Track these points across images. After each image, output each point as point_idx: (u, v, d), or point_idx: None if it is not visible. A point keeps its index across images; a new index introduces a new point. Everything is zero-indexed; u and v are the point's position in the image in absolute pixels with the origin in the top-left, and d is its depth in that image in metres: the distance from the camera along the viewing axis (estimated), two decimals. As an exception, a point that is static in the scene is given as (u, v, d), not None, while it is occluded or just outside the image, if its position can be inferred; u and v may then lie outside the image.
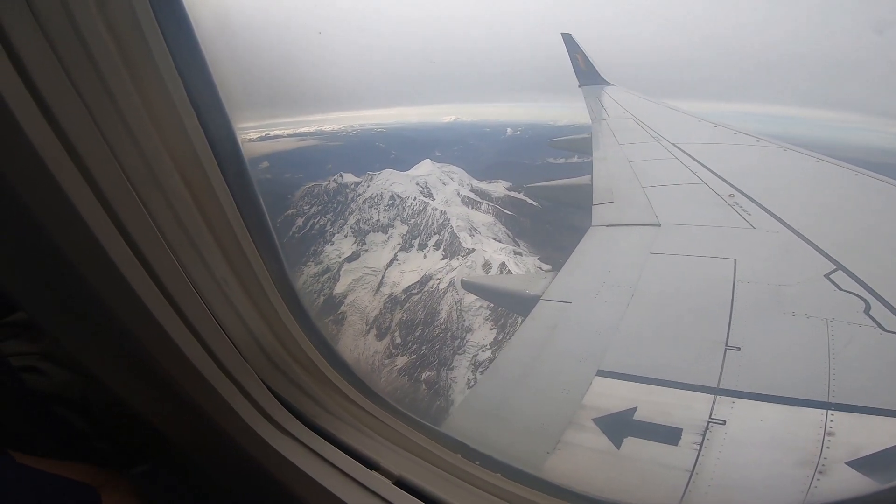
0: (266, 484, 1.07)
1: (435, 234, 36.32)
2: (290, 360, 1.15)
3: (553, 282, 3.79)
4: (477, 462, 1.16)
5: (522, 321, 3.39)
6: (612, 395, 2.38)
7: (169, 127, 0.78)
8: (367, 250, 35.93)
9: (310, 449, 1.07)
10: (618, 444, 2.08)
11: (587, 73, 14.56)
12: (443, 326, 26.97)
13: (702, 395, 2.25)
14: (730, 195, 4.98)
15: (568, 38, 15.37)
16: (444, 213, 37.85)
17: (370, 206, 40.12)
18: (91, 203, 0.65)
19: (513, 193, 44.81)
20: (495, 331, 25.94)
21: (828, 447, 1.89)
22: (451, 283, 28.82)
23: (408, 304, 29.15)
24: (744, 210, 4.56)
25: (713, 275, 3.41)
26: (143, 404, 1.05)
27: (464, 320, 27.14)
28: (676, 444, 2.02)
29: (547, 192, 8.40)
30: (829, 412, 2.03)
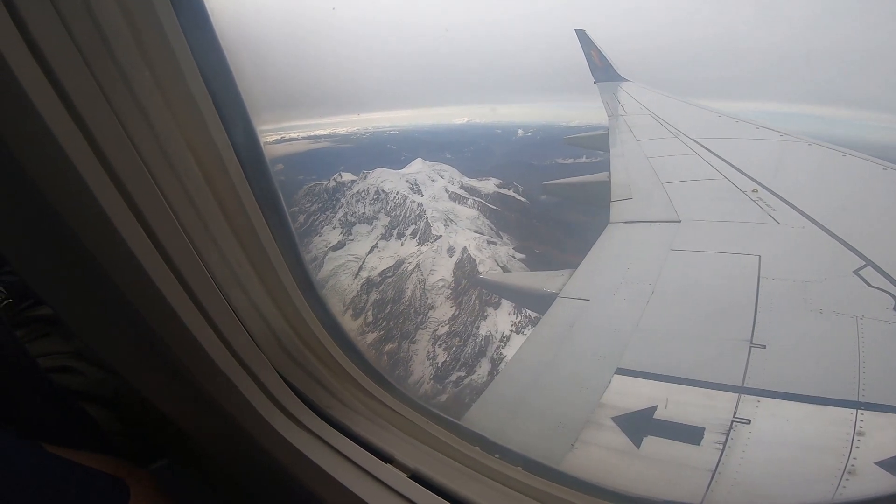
0: (279, 477, 1.06)
1: (412, 224, 39.44)
2: (306, 351, 1.14)
3: (570, 279, 3.75)
4: (497, 455, 1.13)
5: (539, 319, 3.36)
6: (631, 394, 2.35)
7: (187, 118, 0.78)
8: (352, 240, 38.82)
9: (324, 441, 1.06)
10: (637, 443, 2.05)
11: (603, 70, 14.36)
12: (407, 304, 29.99)
13: (725, 394, 2.20)
14: (753, 190, 4.85)
15: (582, 35, 15.20)
16: (421, 205, 40.80)
17: (357, 201, 43.25)
18: (112, 195, 0.66)
19: (502, 190, 47.27)
20: (454, 308, 29.02)
21: (857, 447, 1.83)
22: (418, 266, 32.21)
23: (382, 286, 32.05)
24: (768, 205, 4.44)
25: (737, 272, 3.34)
26: (159, 396, 1.06)
27: (426, 298, 30.17)
28: (698, 444, 1.98)
29: (564, 190, 8.31)
30: (859, 411, 1.97)
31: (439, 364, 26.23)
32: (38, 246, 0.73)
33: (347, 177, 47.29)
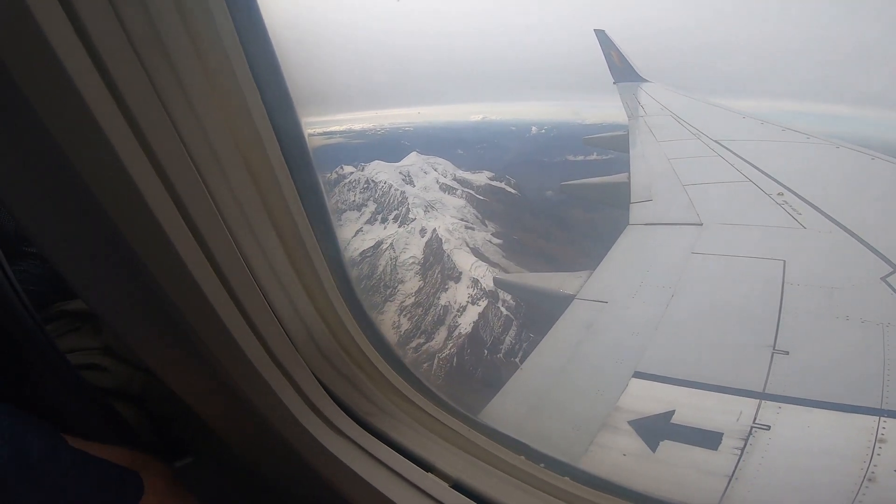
0: (313, 482, 1.03)
1: (395, 209, 42.79)
2: (344, 355, 1.11)
3: (588, 281, 3.74)
4: (542, 465, 1.08)
5: (557, 321, 3.36)
6: (649, 398, 2.34)
7: (234, 111, 0.77)
8: (340, 224, 40.35)
9: (361, 448, 1.03)
10: (653, 448, 2.04)
11: (622, 70, 14.17)
12: (378, 278, 33.06)
13: (745, 400, 2.18)
14: (779, 193, 4.75)
15: (602, 35, 15.02)
16: (403, 192, 44.32)
17: (348, 190, 46.63)
18: (156, 188, 0.65)
19: (493, 182, 50.22)
20: (421, 282, 32.14)
21: (878, 454, 1.80)
22: (392, 244, 36.37)
23: (361, 264, 35.44)
24: (793, 209, 4.34)
25: (760, 276, 3.28)
26: (192, 394, 1.05)
27: (397, 273, 33.36)
28: (716, 449, 1.96)
29: (583, 190, 8.24)
30: (882, 419, 1.93)
31: (402, 332, 28.33)
32: (78, 240, 0.73)
33: (348, 169, 50.19)
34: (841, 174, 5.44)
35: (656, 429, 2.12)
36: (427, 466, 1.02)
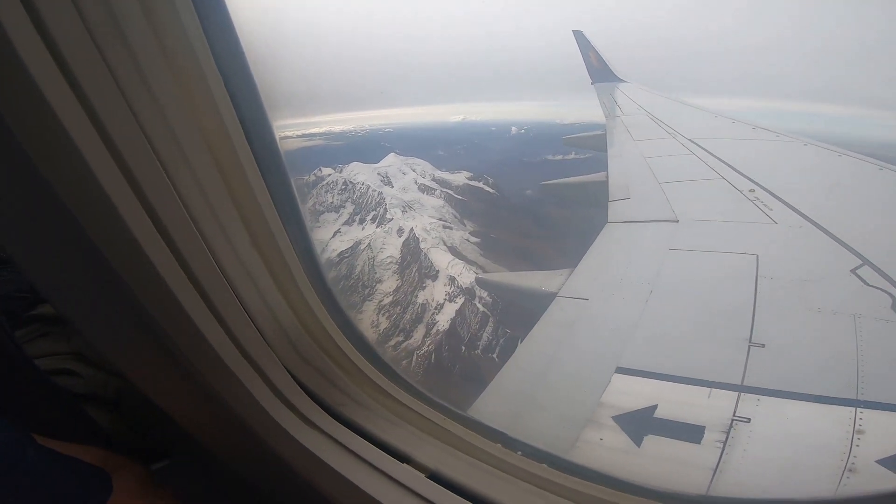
0: (289, 478, 1.03)
1: (372, 210, 43.70)
2: (317, 348, 1.11)
3: (569, 279, 3.76)
4: (519, 452, 1.09)
5: (539, 319, 3.36)
6: (631, 393, 2.35)
7: (202, 110, 0.76)
8: (318, 226, 42.36)
9: (336, 441, 1.02)
10: (638, 442, 2.05)
11: (600, 71, 14.43)
12: (357, 278, 34.20)
13: (725, 393, 2.21)
14: (750, 190, 4.88)
15: (580, 36, 15.25)
16: (381, 193, 45.21)
17: (326, 191, 47.31)
18: (121, 187, 0.64)
19: (472, 182, 51.45)
20: (399, 281, 32.88)
21: (857, 445, 1.84)
22: (369, 244, 36.89)
23: (340, 265, 36.25)
24: (765, 205, 4.47)
25: (735, 271, 3.35)
26: (165, 396, 1.03)
27: (375, 272, 34.15)
28: (699, 443, 1.98)
29: (562, 190, 8.34)
30: (859, 409, 1.98)
31: (381, 331, 29.00)
32: (44, 242, 0.71)
33: (326, 171, 50.81)
34: (809, 170, 5.64)
35: (640, 424, 2.14)
36: (404, 457, 1.03)
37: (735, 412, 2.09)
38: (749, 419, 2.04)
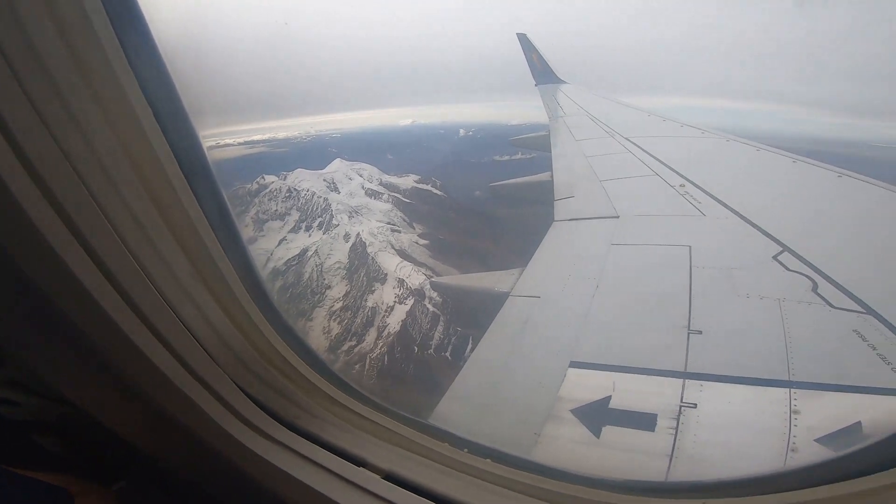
0: (249, 488, 1.06)
1: (318, 217, 43.90)
2: (265, 363, 1.14)
3: (521, 278, 3.83)
4: (465, 450, 1.17)
5: (494, 318, 3.40)
6: (586, 386, 2.43)
7: (125, 129, 0.77)
8: (263, 235, 42.09)
9: (292, 450, 1.07)
10: (597, 434, 2.11)
11: (543, 73, 14.91)
12: (305, 285, 34.16)
13: (671, 380, 2.33)
14: (681, 185, 5.22)
15: (523, 39, 15.66)
16: (326, 199, 45.45)
17: (270, 199, 46.63)
18: (46, 214, 0.64)
19: (420, 185, 51.97)
20: (348, 286, 33.32)
21: (795, 425, 1.97)
22: (316, 251, 36.86)
23: (287, 273, 35.96)
24: (694, 199, 4.79)
25: (671, 262, 3.56)
26: (113, 418, 1.03)
27: (323, 279, 34.24)
28: (653, 430, 2.07)
29: (510, 190, 8.53)
30: (792, 391, 2.14)
31: (333, 337, 29.05)
32: None
33: (270, 179, 49.78)
34: (732, 165, 6.12)
35: (597, 415, 2.20)
36: (359, 461, 1.09)
37: (682, 399, 2.20)
38: (695, 405, 2.16)
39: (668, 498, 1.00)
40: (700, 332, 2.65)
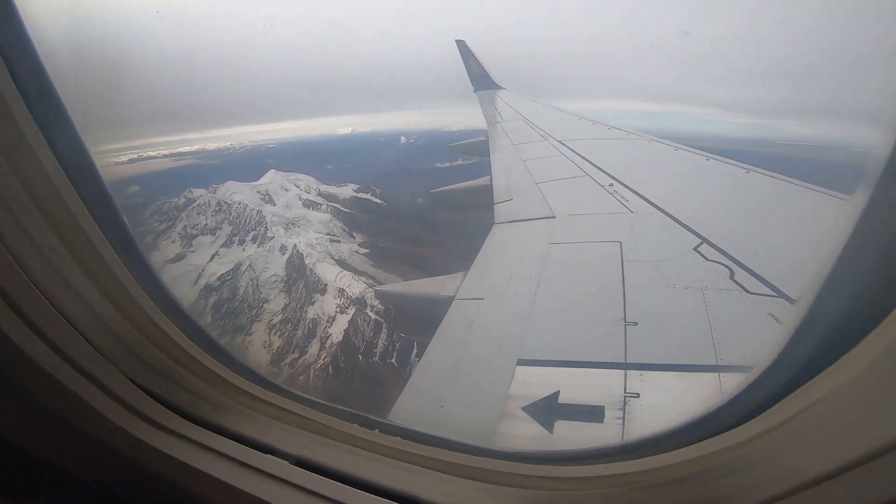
0: (158, 487, 1.04)
1: (252, 230, 42.92)
2: (160, 354, 1.11)
3: (464, 281, 3.85)
4: (376, 430, 1.18)
5: (441, 323, 3.37)
6: (535, 383, 2.46)
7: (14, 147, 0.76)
8: (192, 251, 40.82)
9: (196, 443, 1.05)
10: (550, 429, 2.14)
11: (481, 79, 15.23)
12: (241, 300, 33.58)
13: (614, 372, 2.42)
14: (610, 184, 5.51)
15: (462, 46, 15.90)
16: (260, 212, 44.44)
17: (198, 213, 45.05)
18: None
19: (359, 194, 51.99)
20: (286, 299, 33.06)
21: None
22: (251, 265, 35.99)
23: (221, 289, 35.01)
24: (622, 197, 5.08)
25: (605, 258, 3.73)
26: (12, 430, 0.99)
27: (260, 293, 33.76)
28: (602, 421, 2.14)
29: (451, 196, 8.61)
30: (720, 374, 2.28)
31: (275, 350, 28.53)
32: None
33: (198, 192, 47.78)
34: (655, 164, 6.58)
35: (547, 411, 2.24)
36: (266, 449, 1.08)
37: (625, 389, 2.29)
38: (638, 394, 2.25)
39: (574, 465, 1.01)
40: (636, 324, 2.78)
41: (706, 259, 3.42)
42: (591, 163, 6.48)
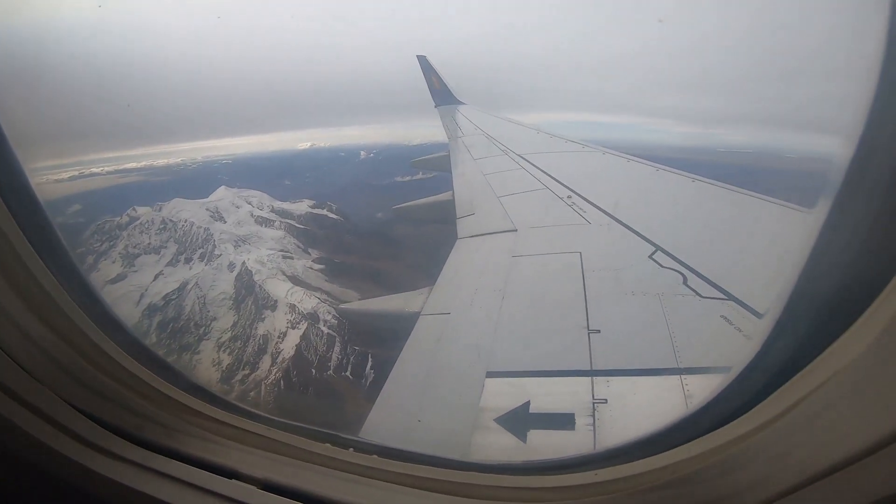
0: None
1: (200, 248, 41.46)
2: (103, 376, 1.04)
3: (430, 296, 3.83)
4: (350, 448, 1.13)
5: (408, 338, 3.34)
6: (505, 394, 2.47)
7: None
8: (135, 271, 39.10)
9: (147, 468, 0.99)
10: (523, 439, 2.15)
11: (442, 94, 15.41)
12: (188, 319, 32.48)
13: (581, 379, 2.47)
14: (568, 196, 5.69)
15: (423, 61, 16.03)
16: (208, 229, 43.09)
17: (141, 232, 43.22)
18: None
19: (315, 210, 50.92)
20: (235, 316, 32.30)
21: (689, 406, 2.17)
22: (197, 283, 34.62)
23: (166, 308, 33.69)
24: (580, 209, 5.25)
25: (566, 268, 3.83)
26: None
27: (208, 311, 32.81)
28: (574, 429, 2.16)
29: (414, 212, 8.61)
30: (683, 377, 2.37)
31: (224, 367, 27.68)
32: None
33: (142, 210, 45.67)
34: (609, 175, 6.87)
35: (520, 421, 2.25)
36: (230, 473, 1.03)
37: (593, 396, 2.34)
38: (605, 400, 2.30)
39: (563, 473, 1.00)
40: (598, 332, 2.85)
41: (661, 266, 3.57)
42: (549, 175, 6.67)
